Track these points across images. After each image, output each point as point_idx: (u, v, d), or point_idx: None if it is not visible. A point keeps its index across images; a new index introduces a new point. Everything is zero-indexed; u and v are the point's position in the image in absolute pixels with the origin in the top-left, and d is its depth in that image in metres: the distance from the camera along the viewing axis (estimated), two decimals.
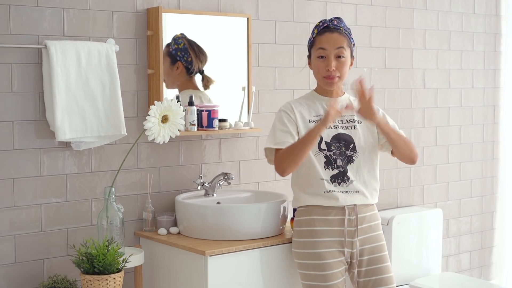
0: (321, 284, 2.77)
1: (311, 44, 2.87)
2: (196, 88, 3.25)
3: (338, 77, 2.82)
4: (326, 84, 2.85)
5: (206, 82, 3.27)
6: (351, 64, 2.88)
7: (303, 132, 2.82)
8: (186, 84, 3.23)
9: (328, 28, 2.83)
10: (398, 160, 2.93)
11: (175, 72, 3.20)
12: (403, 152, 2.87)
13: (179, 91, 3.20)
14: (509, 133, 4.54)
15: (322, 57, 2.82)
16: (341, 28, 2.83)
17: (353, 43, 2.87)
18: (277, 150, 2.80)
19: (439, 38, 4.20)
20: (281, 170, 2.76)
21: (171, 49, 3.16)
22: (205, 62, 3.26)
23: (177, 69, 3.20)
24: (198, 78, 3.26)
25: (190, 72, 3.23)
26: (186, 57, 3.20)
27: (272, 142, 2.82)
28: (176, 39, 3.17)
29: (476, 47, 4.39)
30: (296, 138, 2.80)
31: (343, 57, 2.81)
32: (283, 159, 2.75)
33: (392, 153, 2.90)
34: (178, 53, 3.18)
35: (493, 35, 4.46)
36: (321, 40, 2.83)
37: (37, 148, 2.88)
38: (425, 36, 4.13)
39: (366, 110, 2.77)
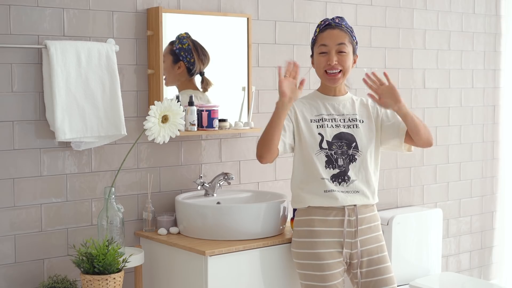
0: (320, 284, 2.77)
1: (313, 43, 2.88)
2: (196, 89, 3.25)
3: (341, 71, 2.82)
4: (328, 80, 2.85)
5: (205, 84, 3.26)
6: (354, 62, 2.88)
7: (305, 131, 2.82)
8: (186, 84, 3.23)
9: (329, 26, 2.84)
10: (413, 146, 2.89)
11: (176, 71, 3.20)
12: (424, 135, 2.83)
13: (179, 91, 3.20)
14: (509, 133, 4.54)
15: (323, 53, 2.82)
16: (342, 26, 2.84)
17: (355, 41, 2.87)
18: None
19: (439, 38, 4.20)
20: (258, 156, 2.78)
21: (174, 48, 3.16)
22: (207, 64, 3.26)
23: (179, 68, 3.20)
24: (197, 79, 3.26)
25: (191, 74, 3.23)
26: (189, 58, 3.20)
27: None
28: (180, 39, 3.17)
29: (476, 47, 4.39)
30: (287, 134, 2.80)
31: (345, 52, 2.81)
32: (259, 145, 2.77)
33: (406, 141, 2.85)
34: (182, 53, 3.18)
35: (493, 35, 4.46)
36: (322, 37, 2.83)
37: (37, 148, 2.88)
38: (425, 36, 4.13)
39: (390, 95, 2.75)
